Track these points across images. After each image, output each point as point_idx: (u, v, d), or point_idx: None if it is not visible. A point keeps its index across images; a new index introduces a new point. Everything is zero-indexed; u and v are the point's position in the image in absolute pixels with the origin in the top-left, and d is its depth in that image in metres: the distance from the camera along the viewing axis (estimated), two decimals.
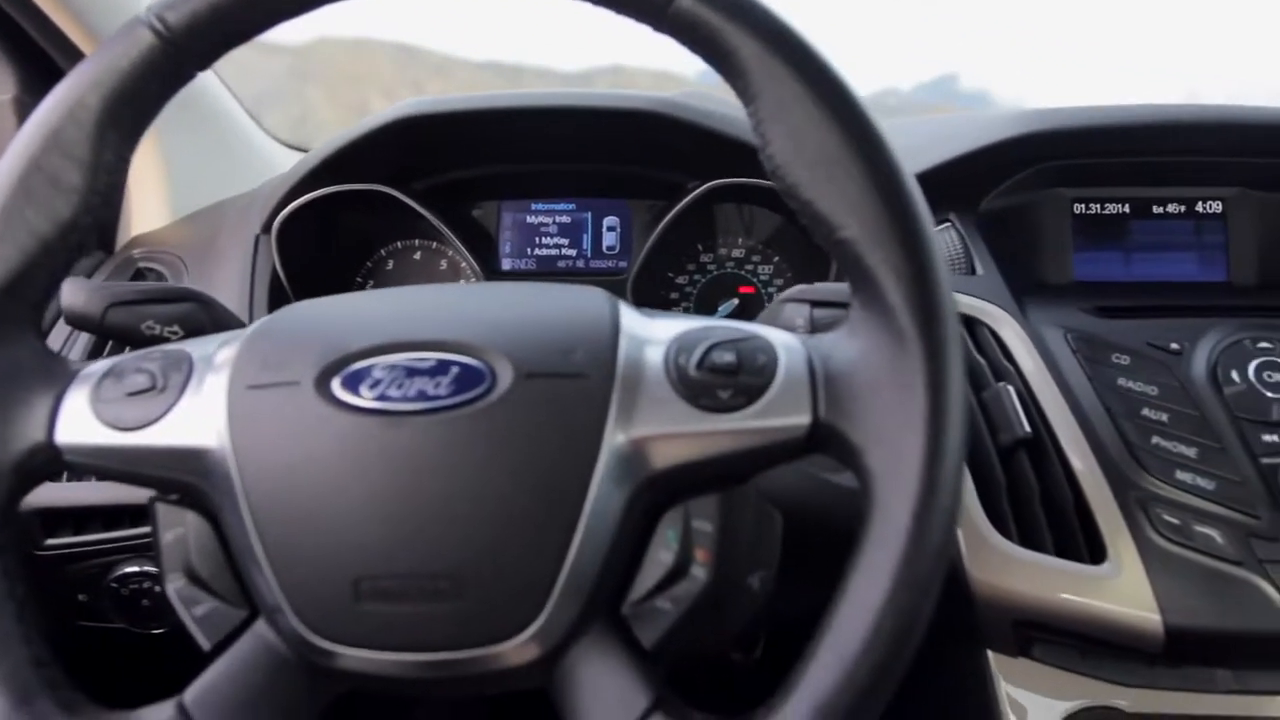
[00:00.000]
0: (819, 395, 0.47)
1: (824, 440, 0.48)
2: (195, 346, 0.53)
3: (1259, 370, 0.68)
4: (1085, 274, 0.84)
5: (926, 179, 0.79)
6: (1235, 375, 0.67)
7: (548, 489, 0.46)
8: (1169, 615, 0.62)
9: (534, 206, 0.95)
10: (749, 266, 0.95)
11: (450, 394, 0.47)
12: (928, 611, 0.44)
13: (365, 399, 0.47)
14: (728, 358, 0.49)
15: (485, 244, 0.95)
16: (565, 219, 0.95)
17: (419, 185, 0.91)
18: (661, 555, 0.49)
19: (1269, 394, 0.67)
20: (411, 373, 0.48)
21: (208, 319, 0.66)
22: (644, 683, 0.46)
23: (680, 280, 0.95)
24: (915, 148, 0.81)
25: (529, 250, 0.95)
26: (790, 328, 0.57)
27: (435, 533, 0.45)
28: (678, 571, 0.49)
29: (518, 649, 0.46)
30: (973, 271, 0.75)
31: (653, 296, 0.94)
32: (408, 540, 0.45)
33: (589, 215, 0.95)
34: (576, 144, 0.91)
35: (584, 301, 0.52)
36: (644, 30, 0.51)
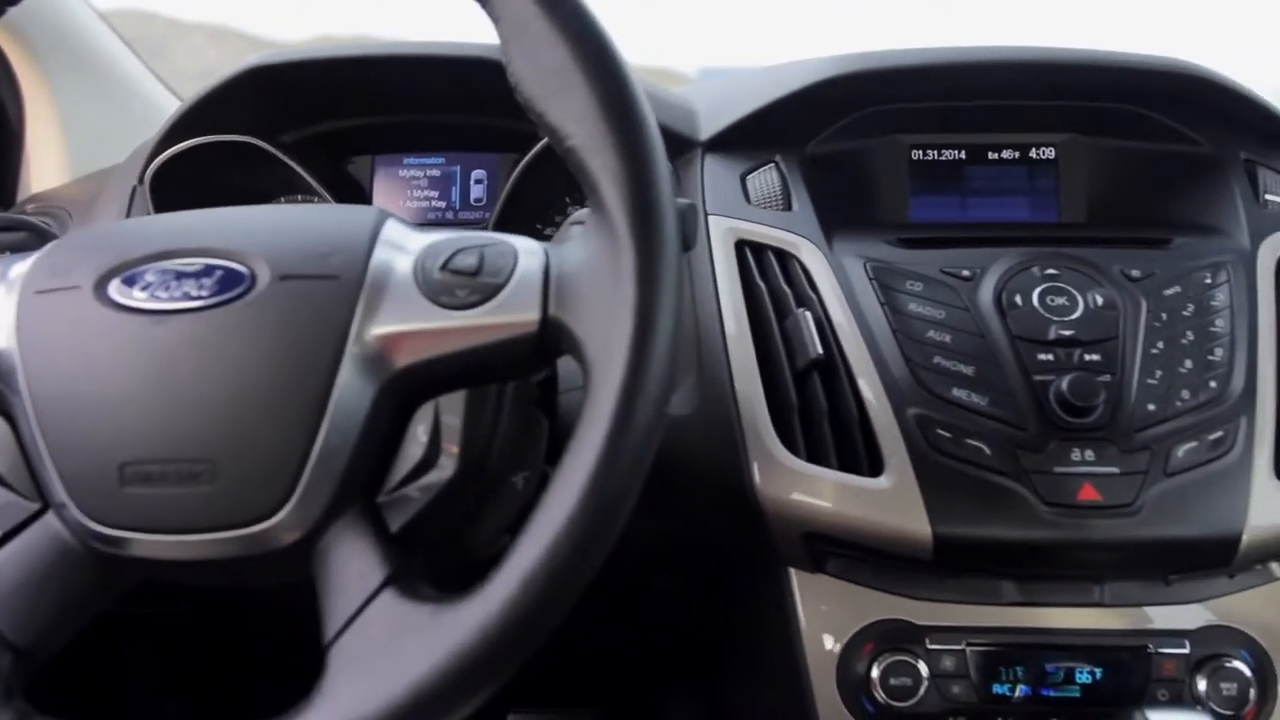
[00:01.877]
0: (550, 294, 0.51)
1: (555, 337, 0.51)
2: (1, 263, 0.57)
3: (1043, 295, 0.70)
4: (921, 218, 0.87)
5: (754, 121, 0.82)
6: (1019, 299, 0.70)
7: (296, 381, 0.50)
8: (937, 524, 0.65)
9: (406, 160, 0.99)
10: None
11: (212, 294, 0.51)
12: (631, 491, 0.47)
13: (137, 299, 0.51)
14: (470, 260, 0.53)
15: (359, 198, 0.98)
16: (435, 172, 0.98)
17: (288, 138, 0.94)
18: (412, 448, 0.54)
19: (1050, 316, 0.69)
20: (180, 276, 0.52)
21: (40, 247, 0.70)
22: (382, 561, 0.50)
23: (548, 232, 0.98)
24: (751, 92, 0.84)
25: (401, 203, 0.98)
26: None
27: (192, 420, 0.49)
28: (426, 463, 0.54)
29: (275, 531, 0.50)
30: (789, 208, 0.77)
31: None
32: (167, 427, 0.49)
33: (458, 168, 0.98)
34: (444, 96, 0.94)
35: (353, 215, 0.57)
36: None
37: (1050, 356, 0.68)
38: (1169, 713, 0.61)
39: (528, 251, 0.53)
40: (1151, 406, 0.66)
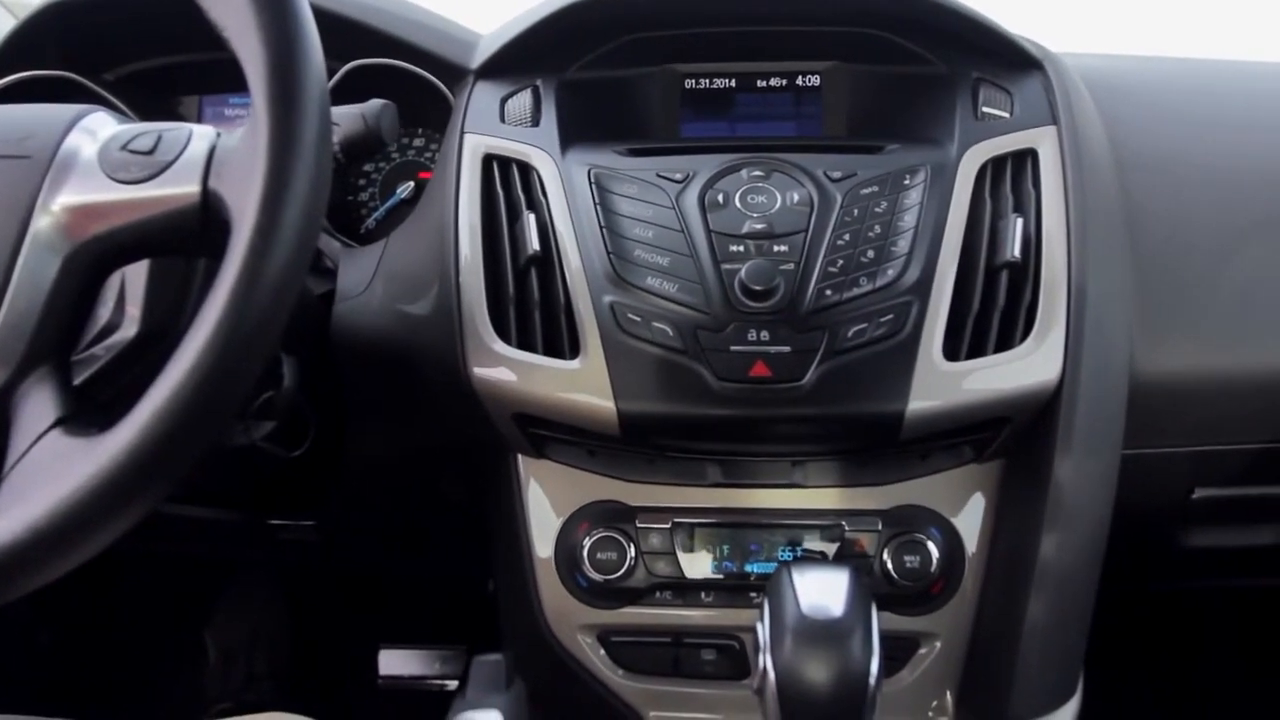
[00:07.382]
0: (211, 169, 0.57)
1: (215, 205, 0.57)
2: None
3: (745, 194, 0.74)
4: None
5: (516, 47, 0.87)
6: (722, 198, 0.74)
7: None
8: (620, 400, 0.69)
9: (231, 100, 1.04)
10: (428, 154, 1.03)
11: None
12: (259, 338, 0.52)
13: None
14: (147, 141, 0.60)
15: None
16: None
17: (110, 75, 1.00)
18: (101, 312, 0.60)
19: (747, 213, 0.73)
20: None
21: None
22: (57, 406, 0.55)
23: (367, 168, 1.04)
24: (520, 21, 0.89)
25: None
26: None
27: None
28: (112, 325, 0.61)
29: None
30: (536, 125, 0.82)
31: (338, 184, 1.02)
32: None
33: None
34: None
35: (59, 108, 0.64)
36: None
37: (741, 248, 0.72)
38: (811, 567, 0.64)
39: (200, 135, 0.59)
40: (829, 292, 0.70)
